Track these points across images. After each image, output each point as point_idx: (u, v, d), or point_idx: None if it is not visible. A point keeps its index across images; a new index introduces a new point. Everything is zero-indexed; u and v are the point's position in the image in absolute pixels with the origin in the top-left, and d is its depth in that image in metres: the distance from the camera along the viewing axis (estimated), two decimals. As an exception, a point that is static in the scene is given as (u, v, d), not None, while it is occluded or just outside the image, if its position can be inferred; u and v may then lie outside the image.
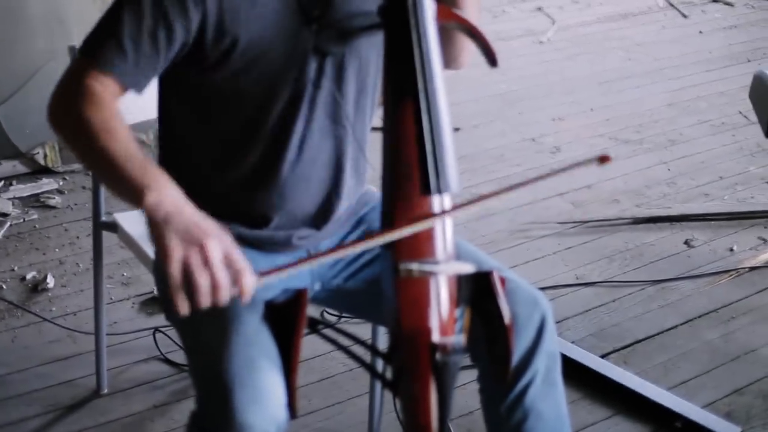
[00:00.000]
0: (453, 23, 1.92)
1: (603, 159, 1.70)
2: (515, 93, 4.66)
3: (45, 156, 3.88)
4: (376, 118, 1.93)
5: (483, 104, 4.52)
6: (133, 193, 1.58)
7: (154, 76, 1.78)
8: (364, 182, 2.11)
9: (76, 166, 3.90)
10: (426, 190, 1.69)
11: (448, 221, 1.71)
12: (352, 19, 1.91)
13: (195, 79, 1.84)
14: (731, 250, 3.51)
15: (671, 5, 5.97)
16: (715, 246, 3.53)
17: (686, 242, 3.55)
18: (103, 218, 2.50)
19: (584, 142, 4.27)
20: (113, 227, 2.48)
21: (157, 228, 1.55)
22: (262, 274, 1.58)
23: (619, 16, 5.81)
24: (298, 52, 1.85)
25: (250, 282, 1.55)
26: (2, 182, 3.79)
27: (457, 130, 4.24)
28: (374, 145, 1.79)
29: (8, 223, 3.54)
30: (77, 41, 3.68)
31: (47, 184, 3.80)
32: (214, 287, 1.53)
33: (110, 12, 1.74)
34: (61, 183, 3.81)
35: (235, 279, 1.54)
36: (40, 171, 3.88)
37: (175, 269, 1.52)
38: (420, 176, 1.70)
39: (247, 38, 1.80)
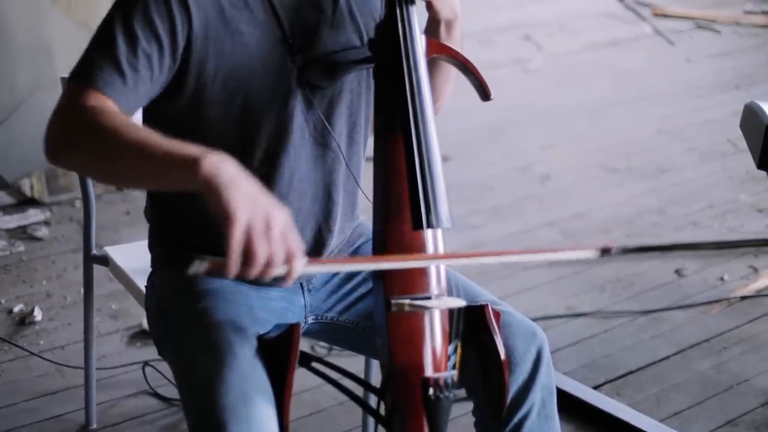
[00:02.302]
0: (445, 57, 1.91)
1: (605, 251, 1.71)
2: (504, 122, 4.66)
3: (32, 187, 3.85)
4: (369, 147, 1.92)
5: (472, 133, 4.52)
6: (185, 166, 1.51)
7: (146, 101, 1.76)
8: (358, 215, 2.10)
9: (64, 197, 3.88)
10: (418, 226, 1.68)
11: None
12: (342, 53, 1.90)
13: (180, 110, 1.83)
14: (722, 279, 3.50)
15: (658, 33, 5.98)
16: (706, 275, 3.53)
17: (677, 271, 3.54)
18: (94, 251, 2.49)
19: (574, 171, 4.27)
20: (104, 261, 2.46)
21: (218, 191, 1.48)
22: (310, 261, 1.57)
23: (607, 44, 5.83)
24: (283, 84, 1.84)
25: (300, 264, 1.51)
26: (-11, 214, 3.78)
27: (445, 159, 4.22)
28: (367, 174, 1.78)
29: (-5, 256, 3.53)
30: (63, 72, 3.66)
31: (34, 215, 3.78)
32: (269, 260, 1.49)
33: (101, 36, 1.72)
34: (48, 214, 3.79)
35: (288, 258, 1.50)
36: (26, 202, 3.85)
37: (240, 232, 1.46)
38: (412, 211, 1.69)
39: (231, 67, 1.78)
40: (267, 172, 1.87)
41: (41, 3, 3.82)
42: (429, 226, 1.68)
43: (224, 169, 1.50)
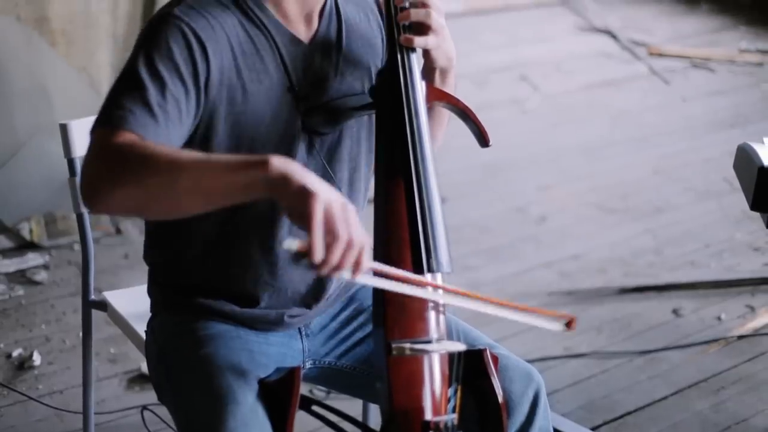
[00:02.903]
0: (444, 103, 1.94)
1: (569, 324, 1.81)
2: (501, 162, 4.68)
3: (31, 231, 3.86)
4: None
5: (469, 174, 4.53)
6: (254, 167, 1.52)
7: (179, 145, 1.74)
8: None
9: (63, 240, 3.89)
10: (418, 270, 1.70)
11: (441, 301, 1.72)
12: (343, 100, 1.93)
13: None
14: (719, 318, 3.51)
15: (654, 72, 6.02)
16: (703, 315, 3.53)
17: (674, 311, 3.55)
18: (92, 296, 2.49)
19: (570, 212, 4.29)
20: (103, 306, 2.47)
21: (294, 179, 1.50)
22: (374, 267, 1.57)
23: (603, 84, 5.86)
24: (288, 131, 1.86)
25: (368, 259, 1.53)
26: (-12, 258, 3.78)
27: (443, 200, 4.22)
28: (367, 217, 1.79)
29: (-6, 300, 3.54)
30: (62, 116, 3.72)
31: (33, 259, 3.78)
32: (349, 243, 1.50)
33: (128, 81, 1.70)
34: (47, 258, 3.79)
35: (361, 248, 1.52)
36: (26, 246, 3.86)
37: (321, 209, 1.48)
38: (412, 255, 1.71)
39: (240, 114, 1.81)
40: (268, 218, 1.89)
41: (41, 48, 3.84)
42: (429, 270, 1.71)
43: (292, 164, 1.53)
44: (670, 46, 6.46)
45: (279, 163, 1.51)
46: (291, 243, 1.48)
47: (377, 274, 1.61)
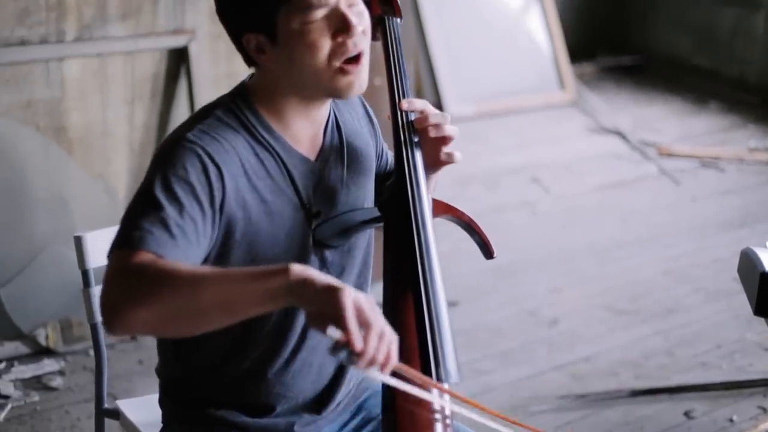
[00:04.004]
0: (450, 217, 2.00)
1: None
2: (512, 265, 4.71)
3: (47, 337, 3.90)
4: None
5: (480, 277, 4.57)
6: (275, 276, 1.55)
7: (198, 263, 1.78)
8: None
9: (78, 346, 3.93)
10: (427, 379, 1.74)
11: (448, 412, 1.75)
12: (353, 213, 1.98)
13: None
14: (731, 420, 3.51)
15: (664, 172, 6.07)
16: (715, 416, 3.54)
17: (686, 413, 3.55)
18: (105, 405, 2.52)
19: (581, 314, 4.31)
20: (115, 414, 2.50)
21: (317, 281, 1.54)
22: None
23: (613, 185, 5.90)
24: (301, 248, 1.92)
25: (395, 355, 1.56)
26: (4, 363, 3.81)
27: (455, 304, 4.28)
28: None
29: (9, 406, 3.55)
30: (79, 223, 3.78)
31: (49, 365, 3.82)
32: (382, 331, 1.54)
33: (144, 202, 1.74)
34: (62, 364, 3.83)
35: (390, 342, 1.56)
36: (41, 352, 3.89)
37: (350, 300, 1.51)
38: (421, 366, 1.75)
39: (255, 233, 1.86)
40: (281, 330, 1.93)
41: (58, 156, 3.92)
42: (438, 379, 1.75)
43: (311, 268, 1.57)
44: (680, 145, 6.52)
45: (299, 269, 1.55)
46: (334, 331, 1.50)
47: (397, 375, 1.62)
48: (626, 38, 8.41)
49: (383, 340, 1.53)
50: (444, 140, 1.98)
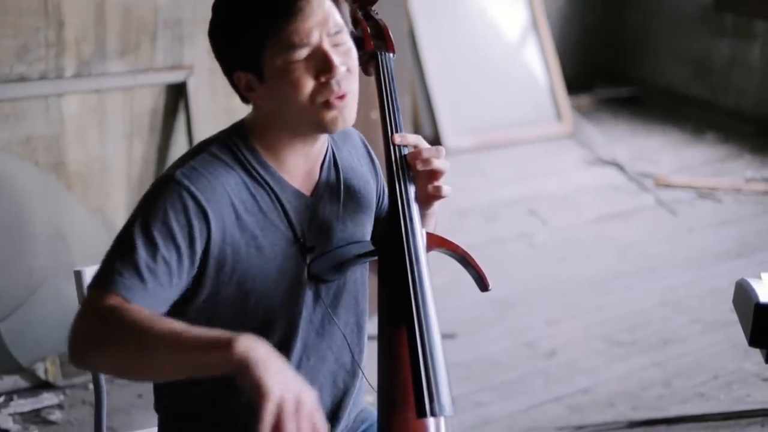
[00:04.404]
0: (444, 250, 2.02)
1: None
2: (509, 297, 4.72)
3: (46, 370, 3.91)
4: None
5: (478, 309, 4.58)
6: (219, 348, 1.59)
7: (166, 306, 1.82)
8: (361, 401, 2.17)
9: (77, 380, 3.94)
10: (422, 414, 1.75)
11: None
12: (347, 248, 2.00)
13: (195, 309, 1.91)
14: (729, 451, 3.52)
15: (661, 203, 6.09)
16: (712, 447, 3.55)
17: (684, 444, 3.57)
18: (104, 439, 2.53)
19: (579, 346, 4.32)
20: (113, 449, 2.51)
21: (253, 370, 1.56)
22: None
23: (610, 216, 5.92)
24: (295, 282, 1.93)
25: None
26: (3, 397, 3.82)
27: (452, 336, 4.29)
28: (371, 355, 1.84)
29: (9, 440, 3.57)
30: (78, 257, 3.79)
31: (48, 399, 3.83)
32: None
33: (122, 243, 1.80)
34: (61, 398, 3.84)
35: None
36: (40, 386, 3.90)
37: (272, 411, 1.54)
38: (415, 401, 1.77)
39: (246, 270, 1.88)
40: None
41: (57, 191, 3.94)
42: (432, 414, 1.76)
43: (257, 348, 1.59)
44: (677, 176, 6.55)
45: (243, 347, 1.58)
46: None
47: None
48: (623, 70, 8.45)
49: None
50: (432, 174, 1.99)
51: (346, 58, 1.88)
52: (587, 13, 8.33)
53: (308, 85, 1.85)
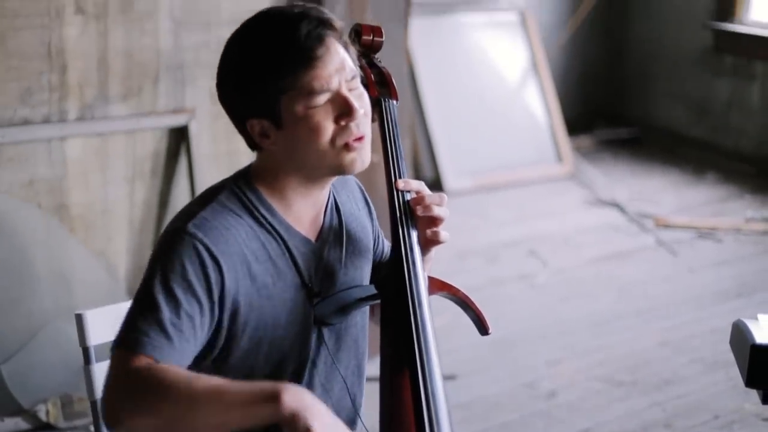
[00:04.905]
0: (445, 294, 2.04)
1: None
2: (510, 338, 4.73)
3: (47, 412, 3.92)
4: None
5: (479, 350, 4.59)
6: (267, 401, 1.62)
7: (191, 359, 1.84)
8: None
9: (79, 422, 3.94)
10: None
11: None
12: (351, 291, 2.02)
13: (209, 361, 1.93)
14: (729, 492, 3.52)
15: (661, 244, 6.11)
16: (713, 488, 3.55)
17: (684, 485, 3.57)
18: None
19: (579, 386, 4.33)
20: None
21: (303, 420, 1.60)
22: None
23: (611, 256, 5.94)
24: (303, 326, 1.96)
25: None
26: (5, 440, 3.83)
27: (453, 378, 4.30)
28: (371, 395, 1.86)
29: (10, 483, 3.57)
30: (80, 299, 3.80)
31: (49, 441, 3.84)
32: None
33: (144, 302, 1.81)
34: (63, 440, 3.85)
35: None
36: (42, 428, 3.90)
37: None
38: (418, 443, 1.78)
39: (258, 319, 1.90)
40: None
41: (60, 234, 3.97)
42: (434, 456, 1.78)
43: (306, 399, 1.64)
44: (677, 217, 6.57)
45: (290, 398, 1.62)
46: None
47: None
48: (623, 111, 8.50)
49: None
50: (432, 220, 2.02)
51: (361, 102, 1.93)
52: (587, 55, 8.38)
53: (329, 129, 1.89)
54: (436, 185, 6.88)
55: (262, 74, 1.87)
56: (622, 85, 8.52)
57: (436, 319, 1.94)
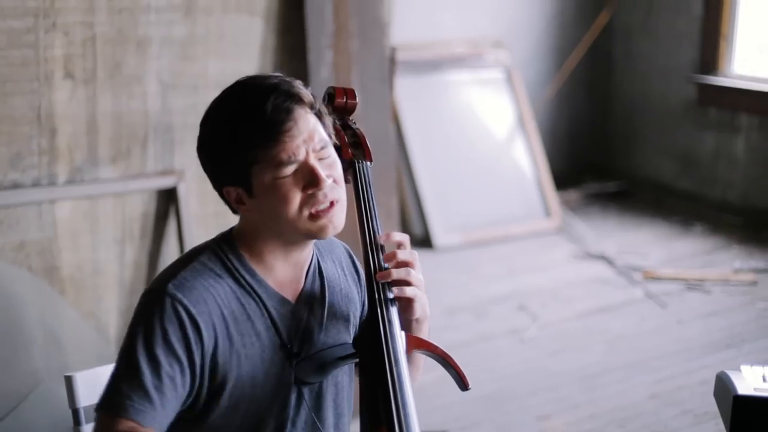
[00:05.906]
0: (423, 351, 2.07)
1: None
2: (500, 393, 4.74)
3: (39, 475, 3.92)
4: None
5: (469, 406, 4.59)
6: None
7: (173, 416, 1.89)
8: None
9: (70, 484, 3.94)
10: None
11: None
12: (330, 350, 2.06)
13: (186, 420, 1.96)
14: None
15: (650, 296, 6.13)
16: None
17: None
18: None
19: (569, 440, 4.34)
20: None
21: None
22: None
23: (600, 310, 5.96)
24: (281, 386, 1.99)
25: None
26: (-3, 500, 3.82)
27: (444, 433, 4.31)
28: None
29: None
30: (71, 361, 3.81)
31: (42, 503, 3.83)
32: None
33: (126, 366, 1.86)
34: (55, 501, 3.84)
35: None
36: (34, 491, 3.91)
37: None
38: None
39: (237, 378, 1.93)
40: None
41: (50, 295, 3.99)
42: None
43: None
44: (666, 269, 6.60)
45: None
46: None
47: None
48: (610, 165, 8.56)
49: None
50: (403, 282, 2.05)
51: (331, 171, 1.98)
52: (573, 110, 8.46)
53: (296, 198, 1.94)
54: (425, 241, 6.92)
55: (233, 146, 1.94)
56: (608, 138, 8.59)
57: (426, 374, 1.97)
